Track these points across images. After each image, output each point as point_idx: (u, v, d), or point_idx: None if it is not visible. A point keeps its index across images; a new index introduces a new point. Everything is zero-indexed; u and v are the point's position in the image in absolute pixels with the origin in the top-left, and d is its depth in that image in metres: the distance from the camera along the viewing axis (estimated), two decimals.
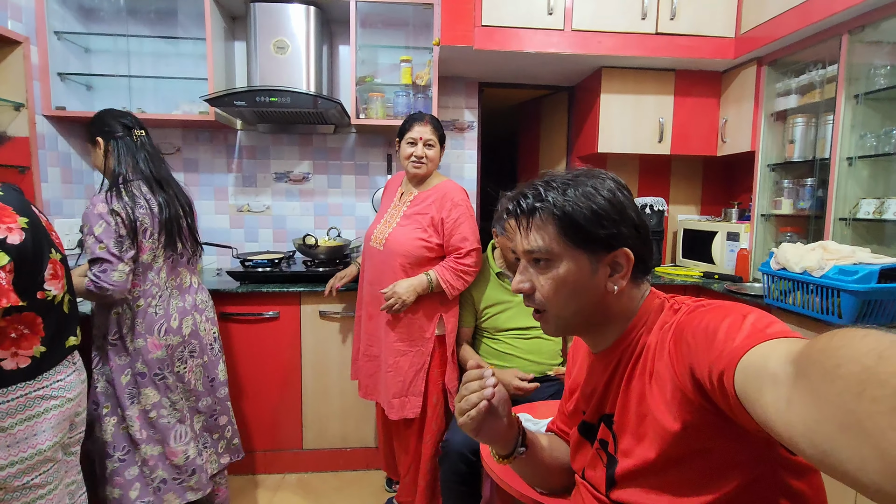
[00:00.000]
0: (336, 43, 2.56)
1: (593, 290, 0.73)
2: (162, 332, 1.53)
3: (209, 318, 1.71)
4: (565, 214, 0.71)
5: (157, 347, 1.52)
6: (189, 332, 1.61)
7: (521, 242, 0.75)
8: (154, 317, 1.52)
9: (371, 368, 1.83)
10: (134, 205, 1.47)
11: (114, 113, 1.59)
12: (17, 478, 1.08)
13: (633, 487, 0.72)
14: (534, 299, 0.76)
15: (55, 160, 2.18)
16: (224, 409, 1.76)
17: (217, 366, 1.72)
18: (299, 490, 2.11)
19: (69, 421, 1.19)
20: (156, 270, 1.54)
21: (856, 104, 1.83)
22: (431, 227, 1.73)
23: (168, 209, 1.55)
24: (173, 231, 1.56)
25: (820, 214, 2.00)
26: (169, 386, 1.56)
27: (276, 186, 2.63)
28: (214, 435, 1.74)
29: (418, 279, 1.70)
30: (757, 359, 0.50)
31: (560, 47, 2.19)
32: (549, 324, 0.78)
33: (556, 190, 0.73)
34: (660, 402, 0.67)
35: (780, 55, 2.13)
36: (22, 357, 1.07)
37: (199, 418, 1.68)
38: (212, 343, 1.71)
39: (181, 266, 1.63)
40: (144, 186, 1.53)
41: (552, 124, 3.09)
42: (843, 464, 0.37)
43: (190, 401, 1.64)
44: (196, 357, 1.64)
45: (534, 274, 0.76)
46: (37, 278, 1.08)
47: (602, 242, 0.72)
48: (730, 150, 2.42)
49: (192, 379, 1.62)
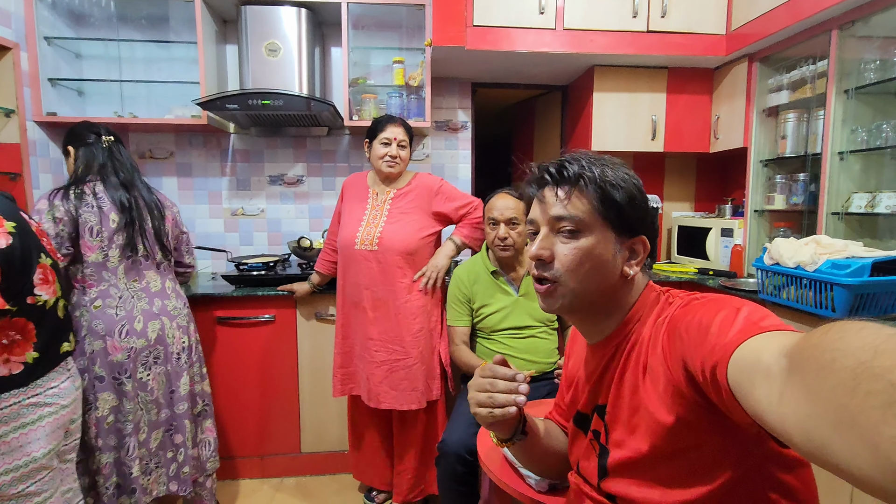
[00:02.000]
0: (328, 45, 2.56)
1: (611, 271, 0.74)
2: (123, 334, 1.50)
3: (181, 325, 1.65)
4: (607, 189, 0.72)
5: (117, 350, 1.49)
6: (155, 337, 1.57)
7: (554, 207, 0.74)
8: (114, 318, 1.49)
9: (380, 375, 1.78)
10: (79, 203, 1.47)
11: (86, 124, 1.63)
12: (13, 486, 1.07)
13: (624, 478, 0.72)
14: (550, 268, 0.75)
15: (47, 166, 2.17)
16: (181, 426, 1.65)
17: (180, 378, 1.64)
18: (297, 493, 2.10)
19: (64, 428, 1.19)
20: (111, 270, 1.51)
21: (846, 99, 1.84)
22: (427, 216, 1.83)
23: (129, 211, 1.54)
24: (132, 233, 1.54)
25: (813, 209, 2.01)
26: (126, 393, 1.51)
27: (270, 189, 2.62)
28: (169, 453, 1.65)
29: (447, 247, 1.85)
30: (750, 352, 0.50)
31: (552, 46, 2.20)
32: (555, 298, 0.76)
33: (596, 165, 0.74)
34: (653, 395, 0.67)
35: (771, 51, 2.14)
36: (14, 363, 1.07)
37: (157, 433, 1.61)
38: (179, 353, 1.63)
39: (147, 269, 1.60)
40: (100, 187, 1.53)
41: (546, 123, 3.10)
42: (835, 457, 0.37)
43: (150, 412, 1.58)
44: (160, 364, 1.59)
45: (557, 242, 0.75)
46: (26, 283, 1.08)
47: (629, 225, 0.74)
48: (723, 146, 2.43)
49: (154, 387, 1.57)
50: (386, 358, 1.79)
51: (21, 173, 1.96)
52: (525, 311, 1.73)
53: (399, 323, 1.79)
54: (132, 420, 1.53)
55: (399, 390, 1.79)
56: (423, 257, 1.83)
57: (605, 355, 0.78)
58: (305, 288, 2.03)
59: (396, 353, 1.79)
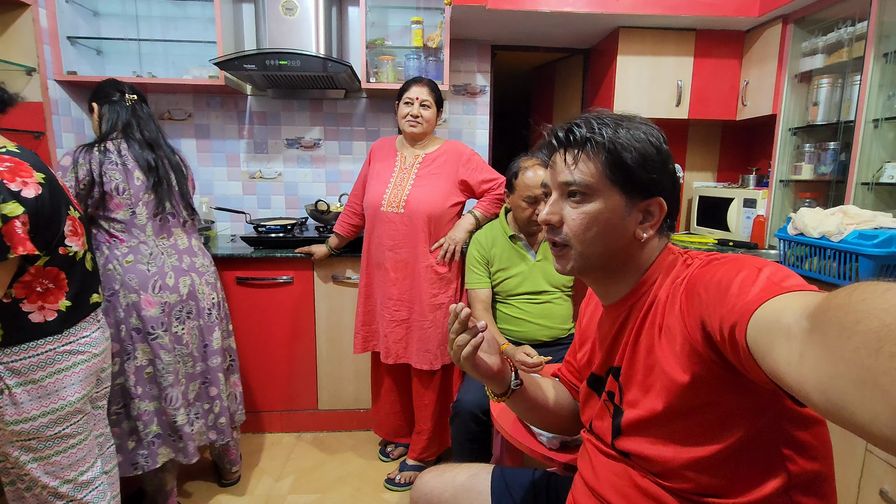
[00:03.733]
0: (345, 4, 2.50)
1: (621, 233, 0.73)
2: (156, 289, 1.53)
3: (209, 282, 1.69)
4: (615, 151, 0.71)
5: (152, 305, 1.52)
6: (187, 293, 1.60)
7: (562, 173, 0.74)
8: (147, 273, 1.52)
9: (399, 333, 1.86)
10: (104, 159, 1.48)
11: (111, 81, 1.63)
12: (49, 427, 1.13)
13: (638, 437, 0.73)
14: (560, 232, 0.75)
15: (69, 126, 2.19)
16: (214, 379, 1.70)
17: (212, 332, 1.69)
18: (314, 447, 2.19)
19: (96, 376, 1.24)
20: (140, 227, 1.54)
21: (885, 63, 1.75)
22: (453, 183, 1.83)
23: (156, 170, 1.56)
24: (160, 191, 1.56)
25: (841, 179, 1.95)
26: (164, 346, 1.55)
27: (287, 153, 2.62)
28: (206, 405, 1.70)
29: (466, 220, 1.85)
30: (771, 312, 0.50)
31: (576, 6, 2.12)
32: (568, 260, 0.77)
33: (608, 126, 0.73)
34: (669, 354, 0.67)
35: (807, 12, 2.04)
36: (49, 311, 1.11)
37: (194, 385, 1.66)
38: (210, 308, 1.68)
39: (175, 227, 1.63)
40: (124, 145, 1.53)
41: (566, 89, 3.02)
42: (855, 417, 0.37)
43: (187, 365, 1.63)
44: (193, 319, 1.64)
45: (566, 207, 0.75)
46: (56, 233, 1.11)
47: (641, 187, 0.72)
48: (750, 113, 2.35)
49: (189, 341, 1.62)
50: (404, 317, 1.84)
51: (45, 132, 1.98)
52: (542, 276, 1.73)
53: (418, 285, 1.82)
54: (172, 371, 1.57)
55: (414, 349, 1.84)
56: (446, 225, 1.83)
57: (620, 316, 0.78)
58: (323, 250, 2.05)
59: (414, 314, 1.83)
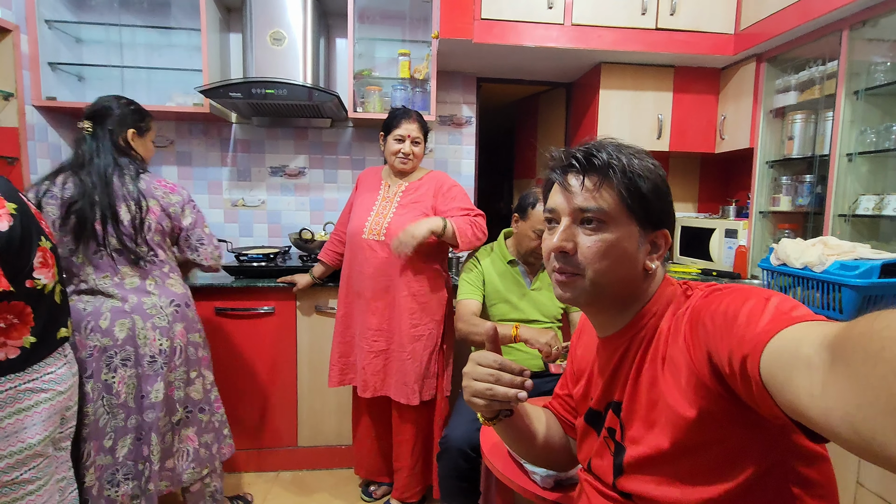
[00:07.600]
0: (333, 36, 2.53)
1: (634, 264, 0.72)
2: (88, 330, 1.41)
3: (157, 326, 1.48)
4: (635, 181, 0.70)
5: (83, 347, 1.41)
6: (124, 337, 1.44)
7: (578, 198, 0.72)
8: (81, 313, 1.41)
9: (377, 364, 1.79)
10: (46, 193, 1.41)
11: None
12: (6, 473, 1.04)
13: (641, 476, 0.70)
14: (573, 261, 0.72)
15: (45, 151, 2.14)
16: (147, 438, 1.48)
17: (152, 383, 1.47)
18: (293, 487, 2.08)
19: (60, 415, 1.16)
20: (78, 265, 1.44)
21: (856, 100, 1.82)
22: (429, 213, 1.78)
23: (82, 198, 1.39)
24: (84, 223, 1.39)
25: (819, 211, 2.00)
26: (86, 394, 1.41)
27: (270, 181, 2.59)
28: (140, 465, 1.49)
29: (433, 220, 1.69)
30: (786, 343, 0.48)
31: (559, 41, 2.18)
32: (576, 289, 0.73)
33: (623, 154, 0.72)
34: (673, 388, 0.65)
35: (780, 51, 2.13)
36: (11, 347, 1.04)
37: (124, 441, 1.46)
38: (153, 356, 1.47)
39: (122, 265, 1.46)
40: (71, 178, 1.42)
41: (549, 120, 3.08)
42: (886, 448, 0.35)
43: (117, 417, 1.45)
44: (129, 367, 1.45)
45: (580, 234, 0.72)
46: (25, 266, 1.05)
47: (653, 218, 0.72)
48: (728, 146, 2.42)
49: (121, 391, 1.44)
50: (383, 348, 1.79)
51: (19, 157, 1.92)
52: (534, 306, 1.72)
53: (398, 315, 1.77)
54: (88, 424, 1.42)
55: (392, 381, 1.79)
56: (427, 254, 1.79)
57: (619, 349, 0.76)
58: (307, 280, 2.00)
59: (393, 344, 1.79)
